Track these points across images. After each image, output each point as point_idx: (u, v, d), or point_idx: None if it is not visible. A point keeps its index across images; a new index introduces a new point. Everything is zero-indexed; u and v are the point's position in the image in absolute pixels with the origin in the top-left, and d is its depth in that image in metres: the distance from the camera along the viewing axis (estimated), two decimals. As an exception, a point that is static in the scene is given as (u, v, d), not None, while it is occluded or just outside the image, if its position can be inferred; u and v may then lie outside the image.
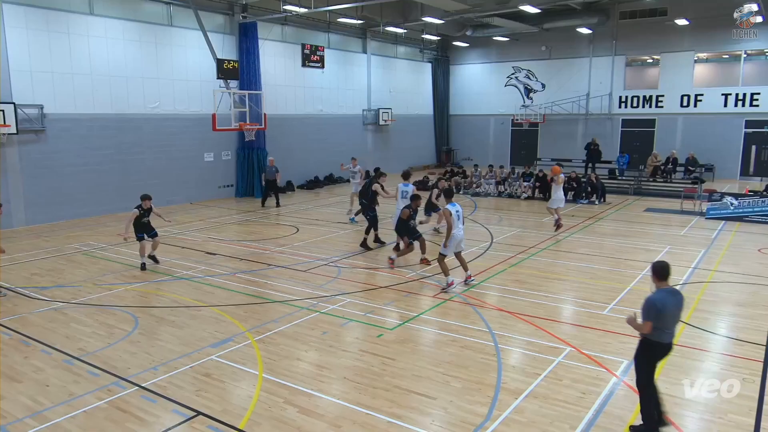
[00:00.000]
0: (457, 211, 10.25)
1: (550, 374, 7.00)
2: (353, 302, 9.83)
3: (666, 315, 5.44)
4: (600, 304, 9.59)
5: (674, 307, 5.52)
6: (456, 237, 10.18)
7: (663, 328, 5.47)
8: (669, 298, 5.49)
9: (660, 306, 5.41)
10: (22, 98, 16.15)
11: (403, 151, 32.15)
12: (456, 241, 10.24)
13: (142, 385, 6.78)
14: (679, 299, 5.59)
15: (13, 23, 15.91)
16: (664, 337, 5.52)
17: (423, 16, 24.60)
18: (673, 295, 5.55)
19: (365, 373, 7.09)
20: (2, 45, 15.68)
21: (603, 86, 29.71)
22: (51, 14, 16.77)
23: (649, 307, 5.45)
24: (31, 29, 16.36)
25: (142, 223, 12.20)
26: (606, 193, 21.30)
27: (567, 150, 28.48)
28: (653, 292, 5.58)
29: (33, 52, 16.45)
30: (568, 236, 15.18)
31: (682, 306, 5.64)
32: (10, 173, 16.27)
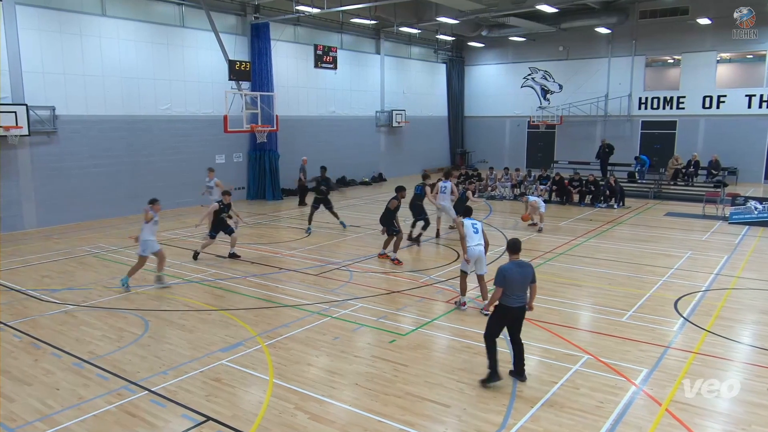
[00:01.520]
0: (474, 224, 9.52)
1: (566, 382, 6.94)
2: (365, 307, 9.83)
3: (511, 281, 6.71)
4: (618, 311, 9.50)
5: (519, 276, 6.76)
6: (473, 253, 9.39)
7: (509, 293, 6.73)
8: (515, 268, 6.81)
9: (506, 273, 6.73)
10: (34, 100, 16.38)
11: (417, 153, 32.13)
12: (473, 258, 9.42)
13: (152, 390, 6.82)
14: (525, 270, 6.85)
15: (26, 25, 16.16)
16: (510, 301, 6.76)
17: (437, 16, 24.62)
18: (519, 266, 6.85)
19: (377, 380, 7.08)
20: (16, 46, 15.94)
21: (622, 87, 29.50)
22: (64, 16, 17.02)
23: (498, 274, 6.82)
24: (44, 31, 16.61)
25: (221, 219, 12.86)
26: (625, 197, 21.12)
27: (585, 152, 28.29)
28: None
29: (45, 53, 16.69)
30: (586, 241, 15.06)
31: (528, 276, 6.84)
32: (22, 175, 16.49)
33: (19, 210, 16.45)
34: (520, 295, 6.82)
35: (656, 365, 7.40)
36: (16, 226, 16.33)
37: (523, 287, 6.83)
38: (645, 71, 29.33)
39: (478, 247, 9.43)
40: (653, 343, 8.13)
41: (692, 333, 8.57)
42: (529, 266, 6.96)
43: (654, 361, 7.50)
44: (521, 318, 6.91)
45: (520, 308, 6.85)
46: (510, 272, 6.76)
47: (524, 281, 6.82)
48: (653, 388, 6.80)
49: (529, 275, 6.89)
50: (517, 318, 6.86)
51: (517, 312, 6.84)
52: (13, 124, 15.47)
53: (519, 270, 6.81)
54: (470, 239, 9.43)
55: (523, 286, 6.82)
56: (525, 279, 6.82)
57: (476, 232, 9.49)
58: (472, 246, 9.41)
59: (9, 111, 15.46)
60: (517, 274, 6.77)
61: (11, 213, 16.23)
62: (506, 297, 6.77)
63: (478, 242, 9.44)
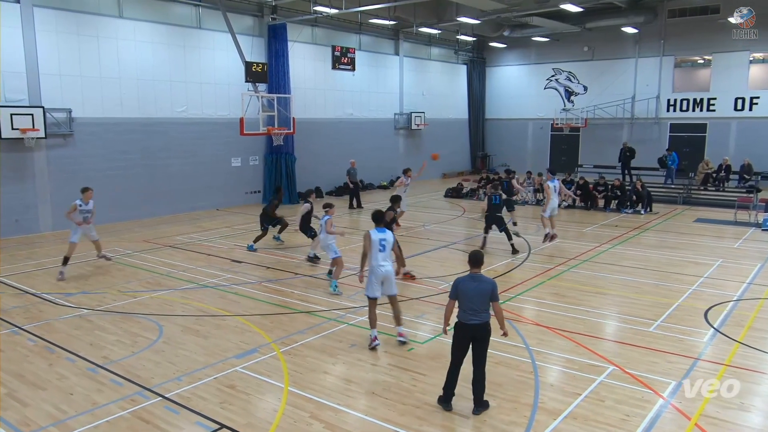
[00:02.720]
0: (383, 240, 8.22)
1: (591, 394, 6.86)
2: (383, 314, 9.80)
3: (465, 296, 6.42)
4: (645, 321, 9.38)
5: (473, 291, 6.42)
6: (377, 273, 8.17)
7: (462, 307, 6.45)
8: (469, 281, 6.51)
9: (458, 285, 6.51)
10: (51, 102, 16.69)
11: (437, 156, 32.06)
12: (378, 279, 8.20)
13: (166, 396, 6.89)
14: (481, 285, 6.45)
15: (43, 27, 16.50)
16: (465, 317, 6.42)
17: (458, 16, 24.61)
18: (474, 280, 6.51)
19: (394, 389, 7.06)
20: (33, 49, 16.27)
21: (650, 89, 29.18)
22: (81, 17, 17.34)
23: (452, 285, 6.64)
24: (61, 33, 16.93)
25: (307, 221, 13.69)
26: (653, 202, 20.86)
27: (611, 156, 27.96)
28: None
29: (62, 55, 17.02)
30: (611, 248, 14.91)
31: (485, 291, 6.41)
32: (38, 178, 16.80)
33: (35, 213, 16.75)
34: (477, 311, 6.37)
35: (685, 377, 7.28)
36: (32, 229, 16.62)
37: (479, 303, 6.38)
38: (674, 72, 28.97)
39: (383, 267, 8.16)
40: (682, 354, 8.00)
41: (723, 344, 8.43)
42: (488, 282, 6.50)
43: (683, 374, 7.39)
44: (483, 339, 6.42)
45: (479, 326, 6.37)
46: (463, 284, 6.47)
47: (480, 296, 6.39)
48: (682, 401, 6.69)
49: (486, 291, 6.42)
50: (477, 338, 6.40)
51: (475, 330, 6.37)
52: (29, 126, 15.78)
53: (473, 284, 6.45)
54: (374, 257, 8.16)
55: (478, 301, 6.37)
56: (481, 294, 6.40)
57: (382, 250, 8.18)
58: (376, 265, 8.14)
59: (26, 113, 15.78)
60: (471, 287, 6.42)
61: (27, 216, 16.53)
62: (461, 312, 6.45)
63: (382, 262, 8.16)
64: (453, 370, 6.53)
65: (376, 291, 8.26)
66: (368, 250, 8.22)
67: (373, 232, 8.28)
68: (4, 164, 16.08)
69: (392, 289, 8.37)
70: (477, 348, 6.47)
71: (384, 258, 8.21)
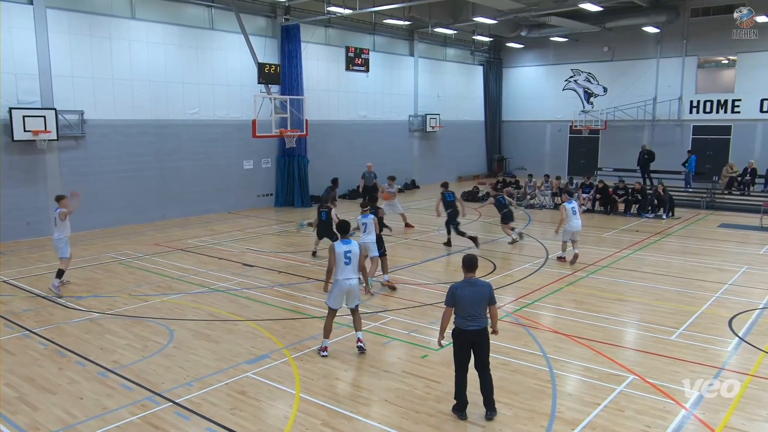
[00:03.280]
0: (347, 252, 8.16)
1: (610, 404, 6.80)
2: (396, 320, 9.82)
3: (463, 302, 6.40)
4: (667, 329, 9.28)
5: (471, 297, 6.42)
6: (341, 287, 8.16)
7: (460, 314, 6.45)
8: (466, 287, 6.48)
9: (455, 292, 6.46)
10: (63, 104, 16.92)
11: (452, 159, 32.05)
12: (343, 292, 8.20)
13: (176, 401, 6.93)
14: (478, 290, 6.49)
15: (56, 28, 16.73)
16: (463, 323, 6.43)
17: (474, 16, 24.55)
18: (471, 285, 6.51)
19: (408, 396, 7.05)
20: (46, 50, 16.50)
21: (672, 90, 28.92)
22: (93, 19, 17.56)
23: (447, 292, 6.59)
24: (73, 34, 17.16)
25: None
26: (675, 207, 20.66)
27: (631, 159, 27.71)
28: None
29: (75, 57, 17.24)
30: (631, 253, 14.78)
31: (483, 296, 6.48)
32: (50, 180, 17.01)
33: (46, 216, 16.90)
34: (475, 316, 6.41)
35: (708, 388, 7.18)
36: (43, 232, 16.81)
37: (478, 308, 6.43)
38: (697, 72, 28.68)
39: (351, 280, 8.14)
40: (705, 363, 7.91)
41: (748, 354, 8.32)
42: (484, 285, 6.59)
43: (706, 384, 7.28)
44: (482, 343, 6.48)
45: (478, 332, 6.41)
46: (460, 291, 6.44)
47: (477, 301, 6.44)
48: (705, 412, 6.61)
49: (484, 295, 6.49)
50: (477, 343, 6.44)
51: (474, 336, 6.41)
52: (41, 128, 16.00)
53: (471, 289, 6.46)
54: (340, 271, 8.12)
55: (476, 306, 6.42)
56: (478, 299, 6.44)
57: (348, 263, 8.11)
58: (342, 279, 8.11)
59: (38, 115, 16.01)
60: (468, 293, 6.42)
61: (38, 218, 16.72)
62: (459, 318, 6.46)
63: (351, 275, 8.15)
64: (460, 376, 6.55)
65: (337, 303, 8.26)
66: (333, 264, 8.15)
67: (337, 245, 8.22)
68: (16, 166, 16.31)
69: (354, 301, 8.36)
70: (478, 353, 6.51)
71: (351, 271, 8.16)
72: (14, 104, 15.91)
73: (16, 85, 16.06)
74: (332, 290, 8.28)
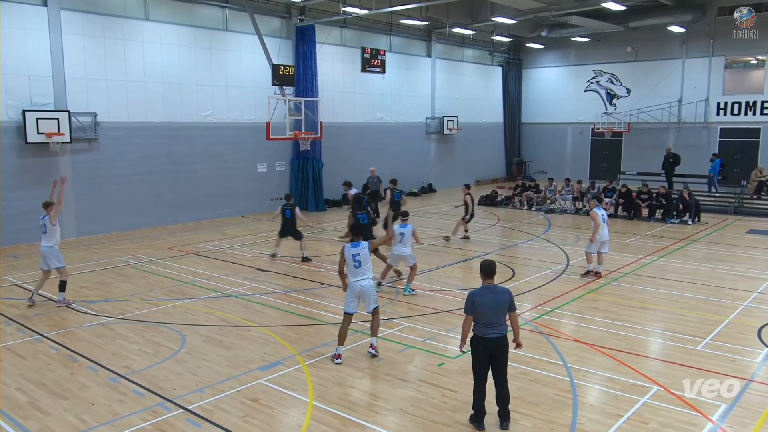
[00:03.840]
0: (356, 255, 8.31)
1: (633, 416, 6.73)
2: (412, 327, 9.80)
3: (483, 309, 6.36)
4: (693, 338, 9.17)
5: (491, 302, 6.39)
6: (354, 289, 8.38)
7: (479, 321, 6.41)
8: (486, 293, 6.46)
9: (474, 299, 6.41)
10: (76, 106, 17.15)
11: (470, 163, 31.98)
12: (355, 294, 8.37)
13: (188, 408, 6.98)
14: (498, 296, 6.46)
15: (70, 30, 16.99)
16: (483, 330, 6.40)
17: (493, 15, 24.51)
18: (491, 292, 6.48)
19: (424, 405, 7.03)
20: (60, 52, 16.75)
21: (698, 91, 28.63)
22: (107, 20, 17.81)
23: (466, 300, 6.51)
24: (87, 36, 17.41)
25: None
26: (701, 212, 20.42)
27: (655, 162, 27.46)
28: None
29: (88, 59, 17.49)
30: (656, 260, 14.63)
31: (503, 302, 6.43)
32: (63, 183, 17.23)
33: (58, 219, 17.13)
34: (495, 323, 6.39)
35: (736, 400, 7.09)
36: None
37: (498, 315, 6.41)
38: (724, 73, 28.37)
39: (362, 281, 8.31)
40: (733, 375, 7.79)
41: (778, 365, 8.19)
42: (504, 292, 6.55)
43: (734, 396, 7.19)
44: (502, 352, 6.46)
45: (497, 339, 6.39)
46: (480, 298, 6.40)
47: (498, 308, 6.41)
48: (733, 425, 6.52)
49: (504, 302, 6.46)
50: (496, 352, 6.42)
51: (494, 344, 6.39)
52: (55, 131, 16.23)
53: (491, 296, 6.44)
54: (351, 274, 8.33)
55: (496, 313, 6.40)
56: (499, 306, 6.42)
57: (357, 265, 8.30)
58: (352, 281, 8.32)
59: (51, 118, 16.25)
60: (488, 300, 6.40)
61: (51, 221, 16.95)
62: (479, 326, 6.42)
63: (361, 276, 8.31)
64: (479, 386, 6.51)
65: (351, 307, 8.36)
66: (342, 266, 8.47)
67: (347, 248, 8.41)
68: (29, 169, 16.56)
69: (371, 304, 8.44)
70: (497, 364, 6.48)
71: (362, 273, 8.33)
72: (28, 106, 16.17)
73: (29, 87, 16.32)
74: (347, 294, 8.46)
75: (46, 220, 10.89)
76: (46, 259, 10.94)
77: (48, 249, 10.89)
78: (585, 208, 21.73)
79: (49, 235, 10.88)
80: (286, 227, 14.66)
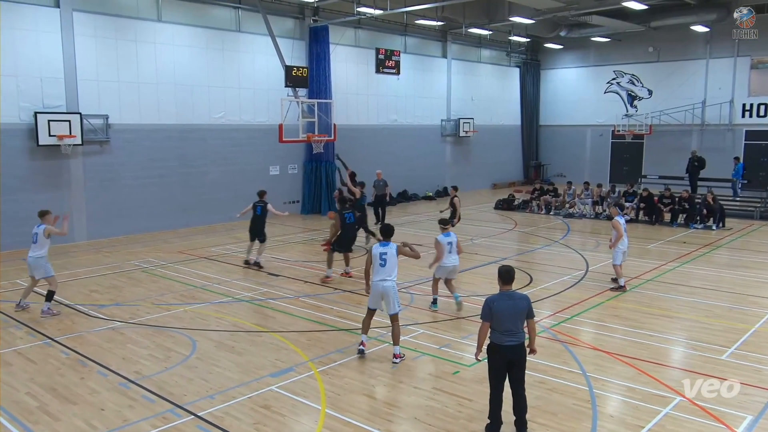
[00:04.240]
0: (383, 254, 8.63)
1: (655, 427, 6.66)
2: (427, 333, 9.78)
3: (501, 316, 6.32)
4: (717, 347, 9.06)
5: (509, 309, 6.36)
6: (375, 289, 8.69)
7: (496, 328, 6.37)
8: (504, 300, 6.42)
9: (492, 305, 6.37)
10: (88, 108, 17.35)
11: (486, 166, 31.91)
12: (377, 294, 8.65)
13: (198, 414, 7.01)
14: (517, 303, 6.43)
15: (82, 31, 17.20)
16: (499, 338, 6.36)
17: (511, 15, 24.45)
18: (509, 298, 6.45)
19: (438, 414, 7.01)
20: (72, 54, 16.96)
21: (722, 93, 28.37)
22: (119, 21, 18.01)
23: (483, 306, 6.48)
24: (99, 37, 17.62)
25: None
26: (725, 217, 20.19)
27: (678, 166, 27.23)
28: None
29: (100, 60, 17.69)
30: (678, 266, 14.48)
31: (521, 309, 6.41)
32: (74, 186, 17.45)
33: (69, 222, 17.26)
34: (513, 330, 6.35)
35: (763, 412, 6.99)
36: (66, 239, 17.18)
37: (516, 322, 6.38)
38: (750, 74, 28.07)
39: (385, 282, 8.57)
40: (759, 386, 7.69)
41: (807, 376, 8.07)
42: (522, 298, 6.53)
43: (760, 407, 7.09)
44: (519, 361, 6.43)
45: (515, 347, 6.36)
46: (498, 304, 6.37)
47: (516, 315, 6.39)
48: (759, 438, 6.43)
49: (523, 308, 6.44)
50: (513, 360, 6.38)
51: (511, 352, 6.35)
52: (66, 133, 16.42)
53: (509, 302, 6.41)
54: (375, 272, 8.64)
55: (514, 320, 6.37)
56: (516, 313, 6.39)
57: (383, 264, 8.57)
58: (376, 281, 8.60)
59: (63, 120, 16.45)
60: (506, 306, 6.37)
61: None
62: (495, 334, 6.38)
63: (385, 277, 8.58)
64: (495, 397, 6.47)
65: (374, 303, 8.78)
66: (369, 265, 8.82)
67: (375, 247, 8.83)
68: (40, 171, 16.77)
69: (392, 307, 8.61)
70: (515, 372, 6.44)
71: (386, 273, 8.61)
72: (40, 108, 16.38)
73: (41, 89, 16.54)
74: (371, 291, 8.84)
75: (40, 230, 10.72)
76: (33, 269, 10.83)
77: (35, 260, 10.71)
78: (605, 213, 21.59)
79: (38, 246, 10.72)
80: (254, 225, 14.48)
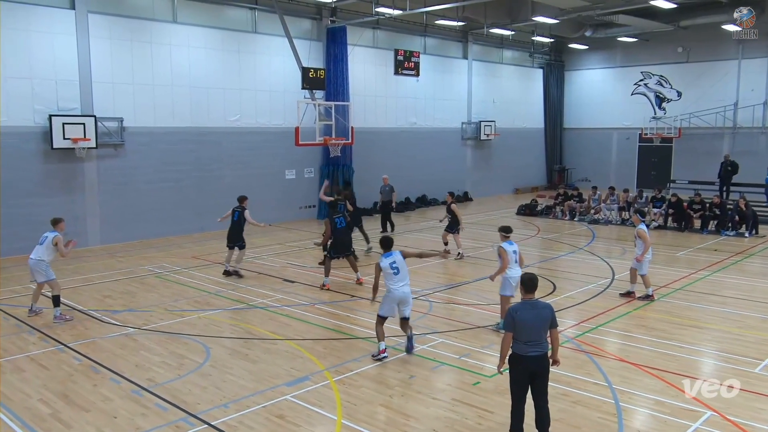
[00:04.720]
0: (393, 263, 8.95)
1: (684, 443, 6.57)
2: (446, 343, 9.74)
3: (524, 326, 6.25)
4: (750, 360, 8.92)
5: (533, 320, 6.29)
6: (394, 296, 8.94)
7: (519, 339, 6.29)
8: (528, 309, 6.36)
9: (515, 315, 6.31)
10: (102, 111, 17.59)
11: (508, 170, 31.80)
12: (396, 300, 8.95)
13: (212, 423, 7.04)
14: (540, 312, 6.37)
15: (97, 33, 17.46)
16: (521, 348, 6.28)
17: (534, 15, 24.37)
18: (533, 307, 6.40)
19: (458, 426, 6.98)
20: (87, 56, 17.22)
21: (755, 94, 28.00)
22: (135, 23, 18.26)
23: (506, 316, 6.49)
24: (114, 39, 17.87)
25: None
26: (759, 224, 19.90)
27: (709, 170, 26.90)
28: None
29: (115, 62, 17.94)
30: (709, 275, 14.29)
31: (545, 319, 6.35)
32: (88, 189, 17.68)
33: (83, 226, 17.59)
34: (536, 341, 6.28)
35: (798, 428, 6.87)
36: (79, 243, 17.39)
37: (539, 332, 6.32)
38: (784, 75, 27.72)
39: (404, 287, 8.92)
40: (794, 400, 7.55)
41: None
42: (546, 307, 6.46)
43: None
44: (543, 372, 6.37)
45: (538, 358, 6.30)
46: (521, 314, 6.29)
47: (539, 325, 6.33)
48: (794, 455, 6.31)
49: (546, 318, 6.38)
50: (536, 371, 6.32)
51: (535, 363, 6.29)
52: (81, 136, 16.66)
53: (532, 311, 6.34)
54: (391, 282, 8.89)
55: (538, 330, 6.31)
56: (540, 322, 6.34)
57: (396, 272, 8.89)
58: (393, 288, 8.89)
59: (78, 123, 16.69)
60: (529, 316, 6.30)
61: (75, 229, 17.30)
62: (518, 344, 6.30)
63: (403, 282, 8.91)
64: (517, 409, 6.41)
65: (389, 311, 8.99)
66: (378, 280, 9.08)
67: (381, 260, 9.03)
68: (54, 175, 17.03)
69: (407, 310, 9.01)
70: (538, 384, 6.38)
71: (401, 279, 8.92)
72: (54, 111, 16.64)
73: (56, 91, 16.80)
74: (384, 300, 9.01)
75: (50, 236, 10.75)
76: (33, 272, 10.88)
77: (36, 262, 10.73)
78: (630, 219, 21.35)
79: (43, 249, 10.73)
80: (231, 231, 14.37)
